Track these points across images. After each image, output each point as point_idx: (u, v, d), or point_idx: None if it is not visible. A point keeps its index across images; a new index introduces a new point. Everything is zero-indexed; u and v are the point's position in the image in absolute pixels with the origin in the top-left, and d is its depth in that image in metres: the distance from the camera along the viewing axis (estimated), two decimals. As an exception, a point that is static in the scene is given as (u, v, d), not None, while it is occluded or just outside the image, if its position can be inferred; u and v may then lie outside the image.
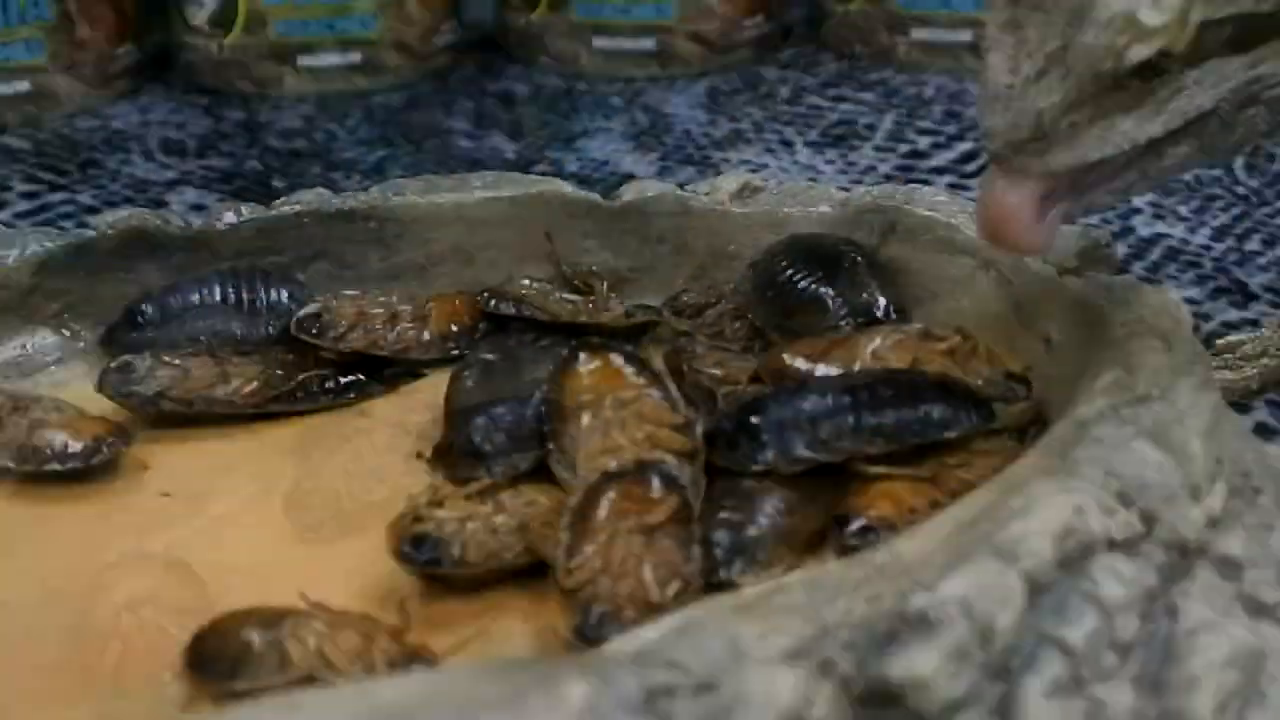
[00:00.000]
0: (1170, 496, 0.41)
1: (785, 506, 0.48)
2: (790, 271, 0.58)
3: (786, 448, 0.49)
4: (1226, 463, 0.44)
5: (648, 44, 1.01)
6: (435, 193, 0.63)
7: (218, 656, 0.42)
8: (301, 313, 0.59)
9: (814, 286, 0.56)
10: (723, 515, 0.48)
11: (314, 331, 0.58)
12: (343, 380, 0.58)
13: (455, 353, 0.59)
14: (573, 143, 0.91)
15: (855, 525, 0.47)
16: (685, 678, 0.35)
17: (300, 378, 0.57)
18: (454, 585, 0.46)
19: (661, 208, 0.63)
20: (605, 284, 0.61)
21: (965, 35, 1.02)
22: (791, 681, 0.35)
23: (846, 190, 0.62)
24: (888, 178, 0.85)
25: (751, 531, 0.47)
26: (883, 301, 0.56)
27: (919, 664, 0.35)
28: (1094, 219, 0.79)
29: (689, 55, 1.02)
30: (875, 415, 0.50)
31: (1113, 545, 0.40)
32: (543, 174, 0.85)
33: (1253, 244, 0.75)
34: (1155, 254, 0.75)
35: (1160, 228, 0.78)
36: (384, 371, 0.59)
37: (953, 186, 0.84)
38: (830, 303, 0.56)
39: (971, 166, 0.87)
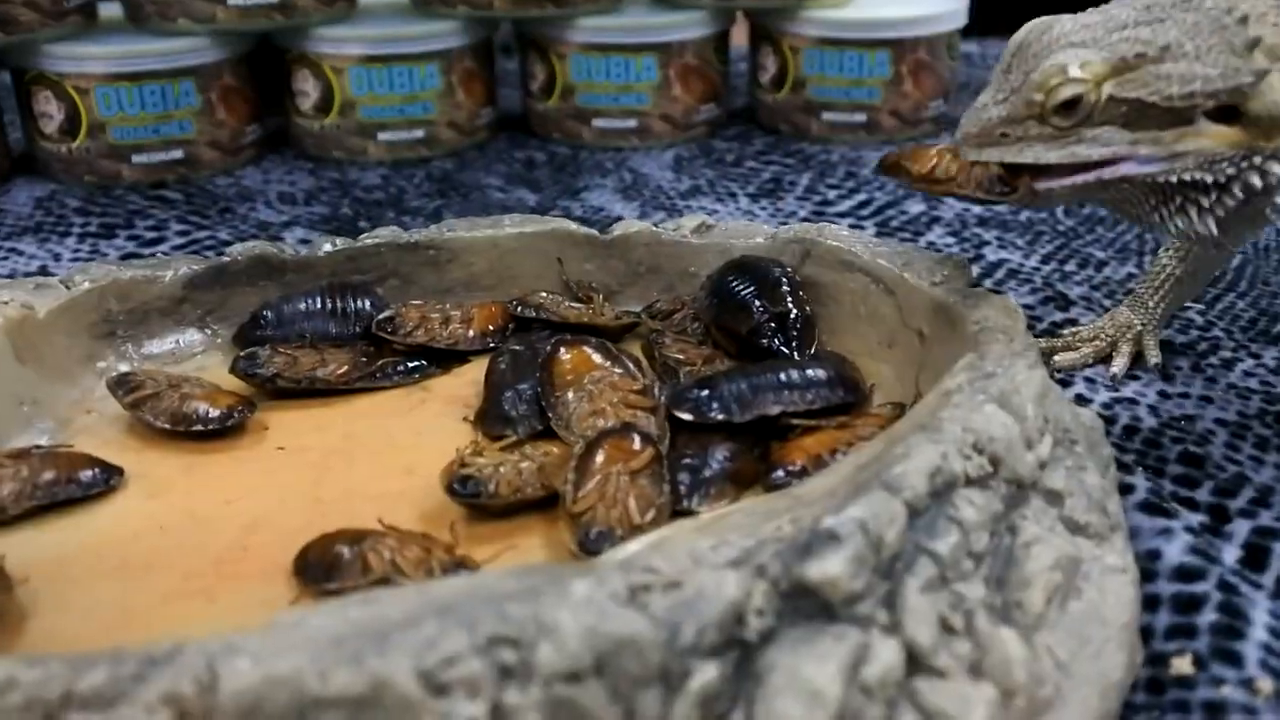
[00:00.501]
0: (1010, 445, 0.41)
1: (731, 454, 0.48)
2: (733, 284, 0.57)
3: (740, 403, 0.48)
4: (1052, 421, 0.43)
5: (631, 124, 1.00)
6: (477, 229, 0.62)
7: (317, 564, 0.42)
8: (379, 316, 0.58)
9: (746, 295, 0.56)
10: (685, 460, 0.47)
11: (389, 330, 0.57)
12: (410, 365, 0.57)
13: (492, 345, 0.58)
14: (578, 195, 0.90)
15: (778, 473, 0.46)
16: (659, 578, 0.34)
17: (379, 363, 0.56)
18: (490, 512, 0.46)
19: (641, 240, 0.62)
20: (601, 295, 0.61)
21: (860, 117, 1.01)
22: (735, 580, 0.34)
23: (775, 228, 0.61)
24: (805, 218, 0.84)
25: (706, 473, 0.47)
26: (794, 310, 0.55)
27: (829, 567, 0.35)
28: (955, 246, 0.78)
29: (661, 132, 1.01)
30: (798, 389, 0.49)
31: (969, 481, 0.40)
32: (555, 217, 0.85)
33: (1070, 266, 0.75)
34: (1000, 274, 0.75)
35: (1003, 255, 0.77)
36: (440, 359, 0.58)
37: (852, 225, 0.83)
38: (754, 307, 0.55)
39: (866, 211, 0.86)
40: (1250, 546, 0.47)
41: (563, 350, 0.51)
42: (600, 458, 0.46)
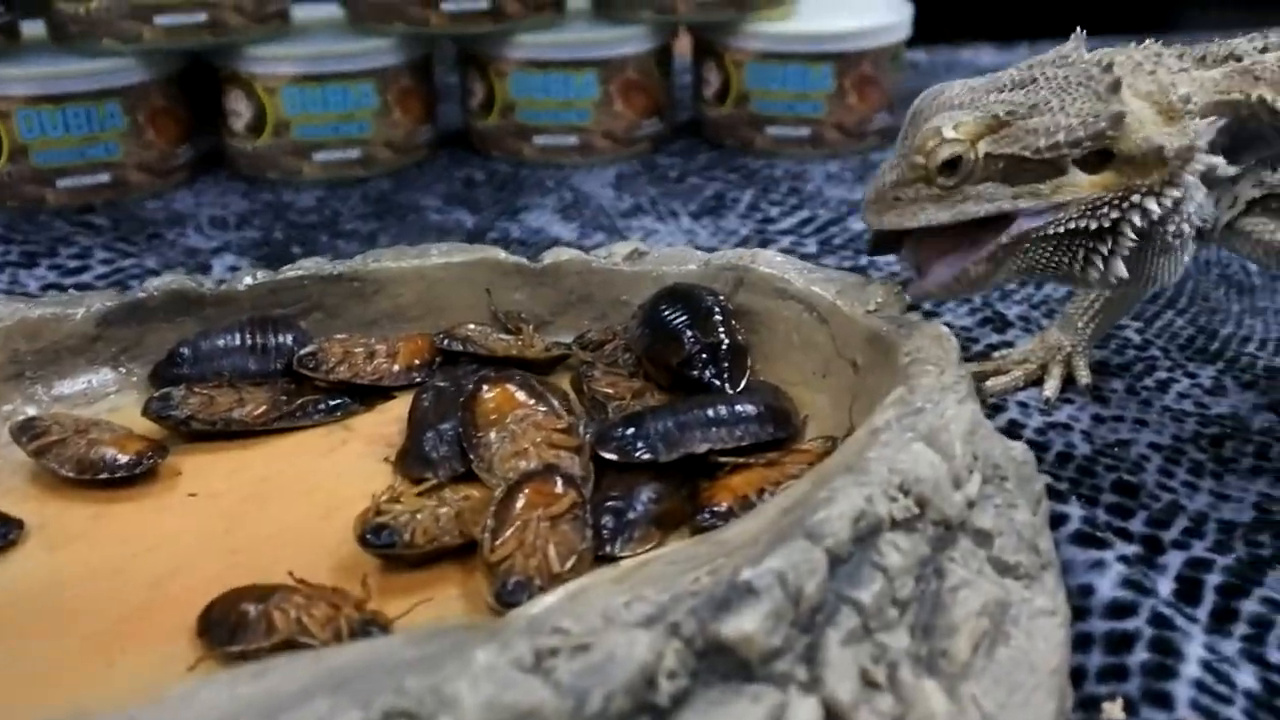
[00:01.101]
0: (938, 485, 0.40)
1: (657, 495, 0.47)
2: (665, 313, 0.56)
3: (667, 442, 0.47)
4: (981, 457, 0.42)
5: (572, 140, 0.99)
6: (403, 259, 0.61)
7: (221, 624, 0.40)
8: (301, 352, 0.56)
9: (677, 325, 0.55)
10: (610, 503, 0.46)
11: (310, 366, 0.56)
12: (332, 403, 0.55)
13: (418, 380, 0.57)
14: (517, 215, 0.89)
15: (705, 514, 0.45)
16: (567, 640, 0.33)
17: (300, 401, 0.55)
18: (406, 562, 0.44)
19: (572, 268, 0.61)
20: (531, 326, 0.59)
21: (805, 131, 1.00)
22: (647, 640, 0.33)
23: (708, 252, 0.60)
24: (747, 237, 0.83)
25: (631, 516, 0.46)
26: (726, 340, 0.54)
27: (745, 624, 0.34)
28: (897, 265, 0.78)
29: (603, 148, 1.00)
30: (727, 425, 0.48)
31: (895, 524, 0.39)
32: (493, 240, 0.83)
33: (1010, 285, 0.74)
34: (939, 293, 0.74)
35: (943, 273, 0.76)
36: (364, 396, 0.56)
37: (795, 242, 0.82)
38: (686, 338, 0.54)
39: (809, 229, 0.85)
40: (1183, 579, 0.46)
41: (485, 388, 0.50)
42: (520, 502, 0.44)
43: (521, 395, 0.50)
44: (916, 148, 0.48)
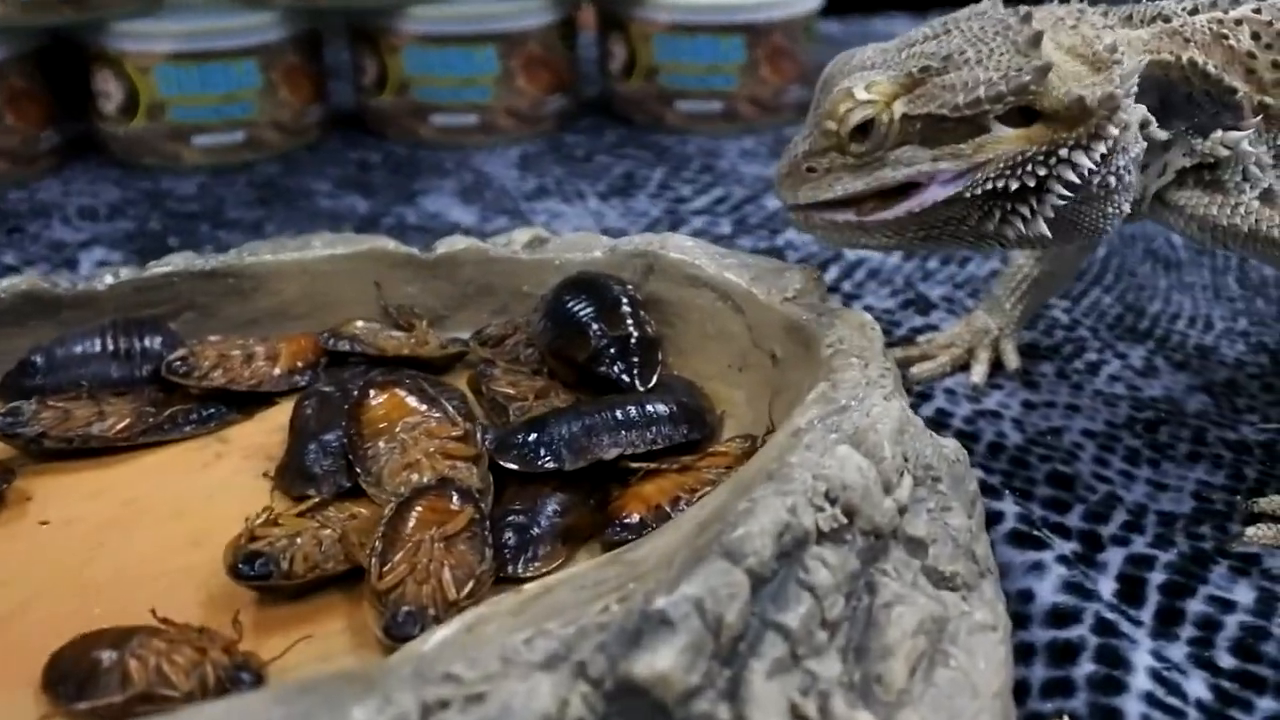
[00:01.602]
0: (867, 492, 0.37)
1: (563, 507, 0.43)
2: (569, 304, 0.52)
3: (573, 449, 0.44)
4: (912, 458, 0.40)
5: (473, 119, 0.95)
6: (283, 252, 0.56)
7: (70, 676, 0.36)
8: (170, 357, 0.52)
9: (583, 318, 0.51)
10: (512, 517, 0.42)
11: (181, 372, 0.51)
12: (205, 412, 0.51)
13: (302, 384, 0.53)
14: (413, 199, 0.84)
15: (615, 526, 0.42)
16: (459, 689, 0.29)
17: (169, 412, 0.50)
18: (285, 594, 0.40)
19: (468, 258, 0.57)
20: (425, 322, 0.55)
21: (717, 106, 0.97)
22: (549, 687, 0.29)
23: (616, 237, 0.56)
24: (657, 218, 0.80)
25: (535, 531, 0.42)
26: (635, 334, 0.51)
27: (659, 661, 0.31)
28: (814, 245, 0.75)
29: (506, 127, 0.96)
30: (638, 428, 0.45)
31: (821, 537, 0.36)
32: (388, 226, 0.79)
33: (932, 263, 0.72)
34: (859, 274, 0.71)
35: (863, 253, 0.74)
36: (242, 403, 0.52)
37: (708, 223, 0.79)
38: (592, 331, 0.50)
39: (723, 208, 0.82)
40: (1126, 578, 0.44)
41: (372, 393, 0.46)
42: (412, 521, 0.41)
43: (413, 400, 0.46)
44: (827, 113, 0.45)
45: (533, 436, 0.44)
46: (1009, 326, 0.60)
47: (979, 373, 0.59)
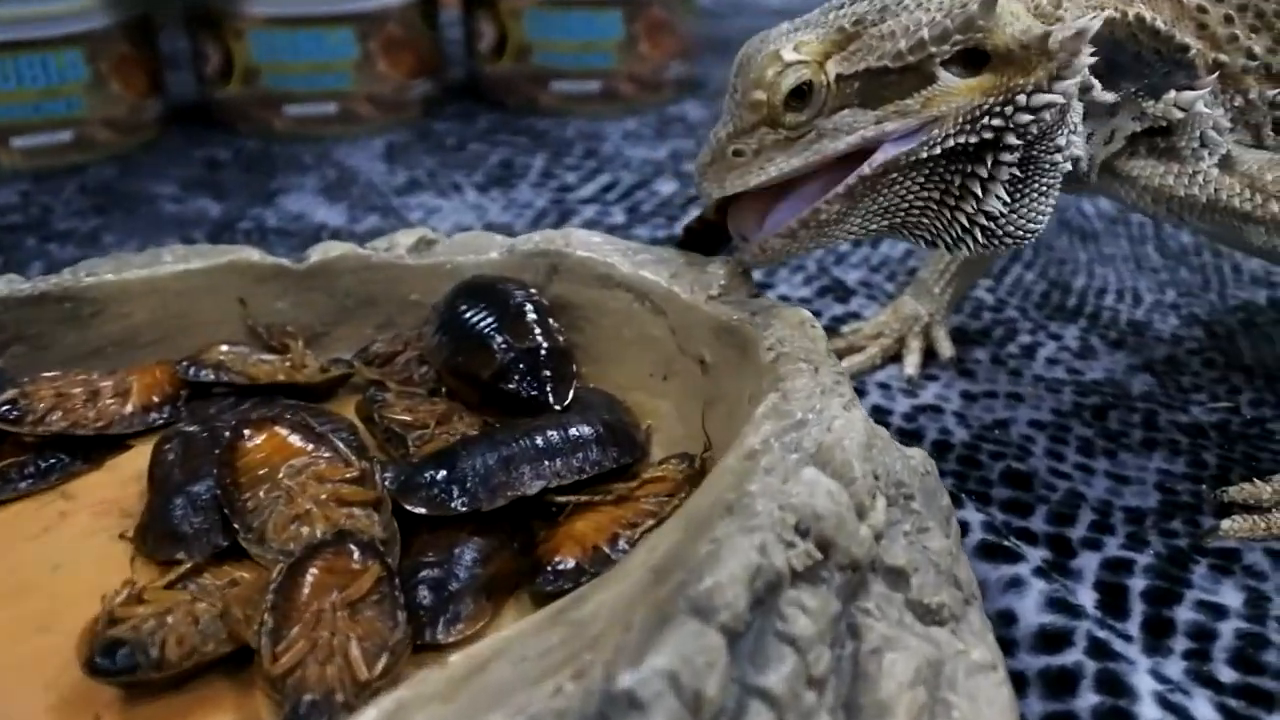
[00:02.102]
0: (840, 520, 0.33)
1: (483, 554, 0.38)
2: (467, 314, 0.47)
3: (489, 486, 0.39)
4: (883, 475, 0.35)
5: (331, 108, 0.88)
6: (128, 269, 0.49)
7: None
8: (-2, 400, 0.44)
9: (484, 329, 0.46)
10: (425, 572, 0.37)
11: (11, 418, 0.44)
12: (44, 463, 0.44)
13: (160, 423, 0.46)
14: (271, 200, 0.77)
15: (547, 574, 0.37)
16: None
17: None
18: (156, 686, 0.34)
19: (346, 266, 0.50)
20: (300, 342, 0.49)
21: (595, 85, 0.92)
22: (504, 806, 0.24)
23: (509, 235, 0.51)
24: (544, 209, 0.74)
25: (453, 585, 0.36)
26: (544, 344, 0.45)
27: (633, 757, 0.26)
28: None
29: (368, 115, 0.89)
30: (562, 455, 0.40)
31: (796, 577, 0.31)
32: (246, 230, 0.72)
33: (844, 246, 0.68)
34: (768, 261, 0.67)
35: (769, 238, 0.70)
36: (88, 450, 0.45)
37: (599, 212, 0.74)
38: (495, 345, 0.45)
39: (612, 195, 0.77)
40: (1105, 586, 0.41)
41: (247, 433, 0.40)
42: (308, 586, 0.35)
43: (296, 438, 0.40)
44: (754, 81, 0.40)
45: (442, 474, 0.39)
46: (939, 312, 0.56)
47: (913, 363, 0.55)
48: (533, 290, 0.48)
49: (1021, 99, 0.40)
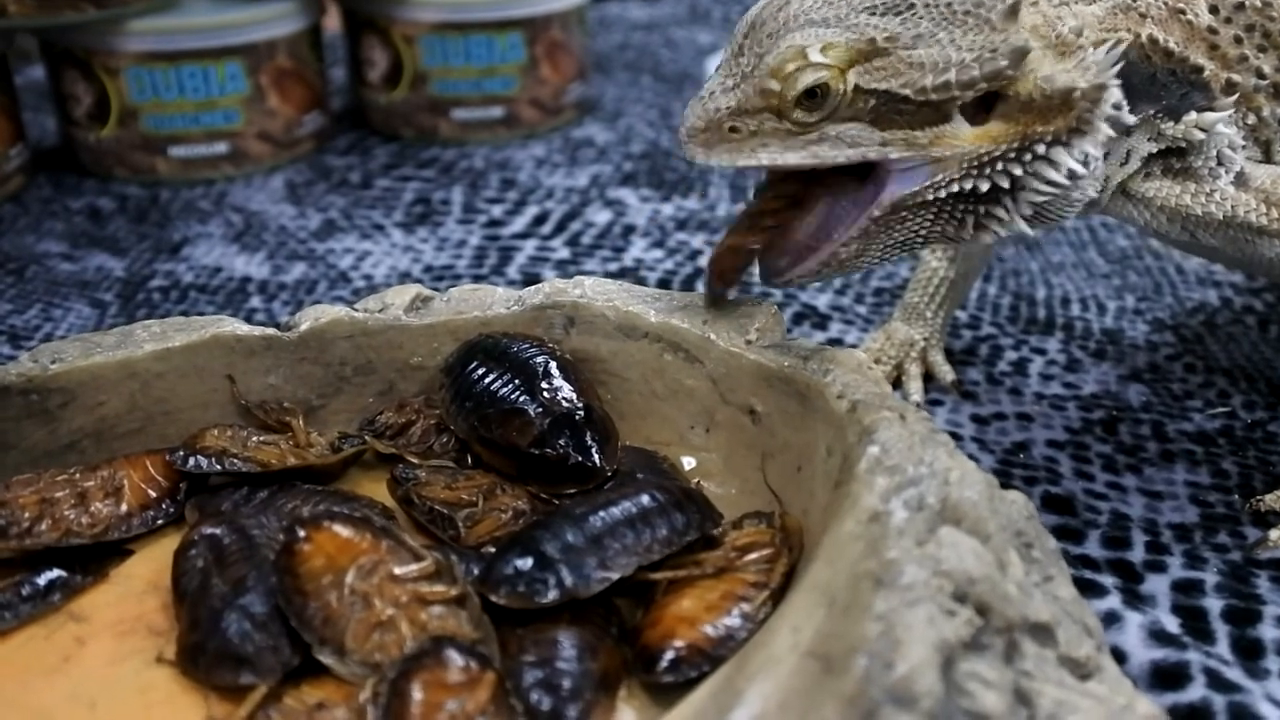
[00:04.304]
0: (991, 580, 0.32)
1: (586, 647, 0.35)
2: (486, 379, 0.44)
3: (582, 571, 0.36)
4: (1008, 527, 0.35)
5: (220, 148, 0.82)
6: (97, 352, 0.44)
7: None
8: (-28, 515, 0.39)
9: (513, 395, 0.43)
10: (531, 674, 0.34)
11: (-7, 533, 0.39)
12: (42, 582, 0.39)
13: (161, 522, 0.42)
14: (178, 252, 0.72)
15: (665, 662, 0.35)
16: None
17: (-9, 592, 0.38)
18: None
19: (339, 331, 0.47)
20: (300, 418, 0.45)
21: (497, 111, 0.89)
22: None
23: (518, 290, 0.48)
24: (483, 249, 0.72)
25: (566, 685, 0.34)
26: (581, 405, 0.43)
27: None
28: (664, 259, 0.69)
29: (259, 154, 0.84)
30: (648, 526, 0.38)
31: (965, 647, 0.31)
32: (159, 288, 0.66)
33: (800, 269, 0.68)
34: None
35: (723, 265, 0.69)
36: (85, 560, 0.40)
37: (540, 248, 0.72)
38: (530, 410, 0.43)
39: (546, 228, 0.75)
40: (1185, 610, 0.41)
41: (302, 534, 0.36)
42: (418, 706, 0.32)
43: (356, 535, 0.37)
44: (772, 70, 0.39)
45: (527, 561, 0.36)
46: (934, 336, 0.56)
47: (916, 390, 0.55)
48: (550, 346, 0.46)
49: (1040, 148, 0.40)
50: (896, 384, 0.56)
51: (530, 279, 0.67)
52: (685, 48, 1.16)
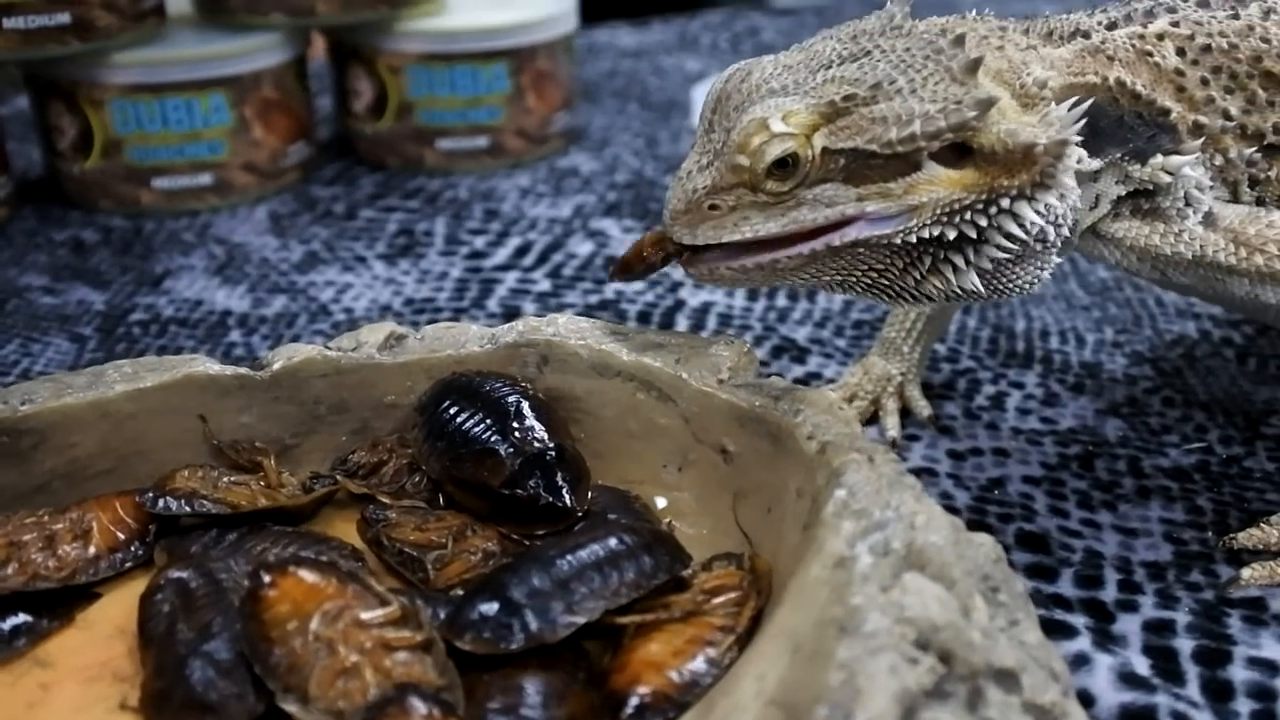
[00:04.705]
0: (954, 627, 0.32)
1: (554, 693, 0.35)
2: (459, 419, 0.44)
3: (548, 616, 0.36)
4: (974, 571, 0.35)
5: (205, 179, 0.83)
6: (69, 393, 0.44)
7: None
8: (-60, 559, 0.39)
9: (485, 435, 0.43)
10: (498, 719, 0.34)
11: (-40, 578, 0.39)
12: (5, 627, 0.39)
13: (129, 565, 0.42)
14: (159, 285, 0.72)
15: (630, 708, 0.35)
16: None
17: (-43, 638, 0.38)
18: None
19: (312, 371, 0.47)
20: (272, 458, 0.45)
21: (482, 141, 0.90)
22: None
23: (491, 328, 0.48)
24: (464, 281, 0.72)
25: (532, 732, 0.34)
26: (551, 444, 0.43)
27: None
28: (647, 292, 0.69)
29: (245, 185, 0.84)
30: (616, 569, 0.38)
31: (927, 695, 0.31)
32: (139, 321, 0.67)
33: (781, 301, 0.68)
34: (710, 321, 0.66)
35: (704, 296, 0.69)
36: (52, 604, 0.40)
37: (522, 280, 0.72)
38: (501, 450, 0.43)
39: (528, 260, 0.75)
40: (1155, 651, 0.41)
41: (268, 579, 0.36)
42: (379, 756, 0.32)
43: (322, 580, 0.37)
44: (738, 146, 0.40)
45: (493, 606, 0.36)
46: (911, 371, 0.57)
47: (893, 425, 0.55)
48: (523, 384, 0.46)
49: (1005, 202, 0.41)
50: (874, 419, 0.56)
51: (510, 312, 0.67)
52: (673, 75, 1.16)
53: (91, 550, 0.42)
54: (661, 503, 0.45)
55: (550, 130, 0.93)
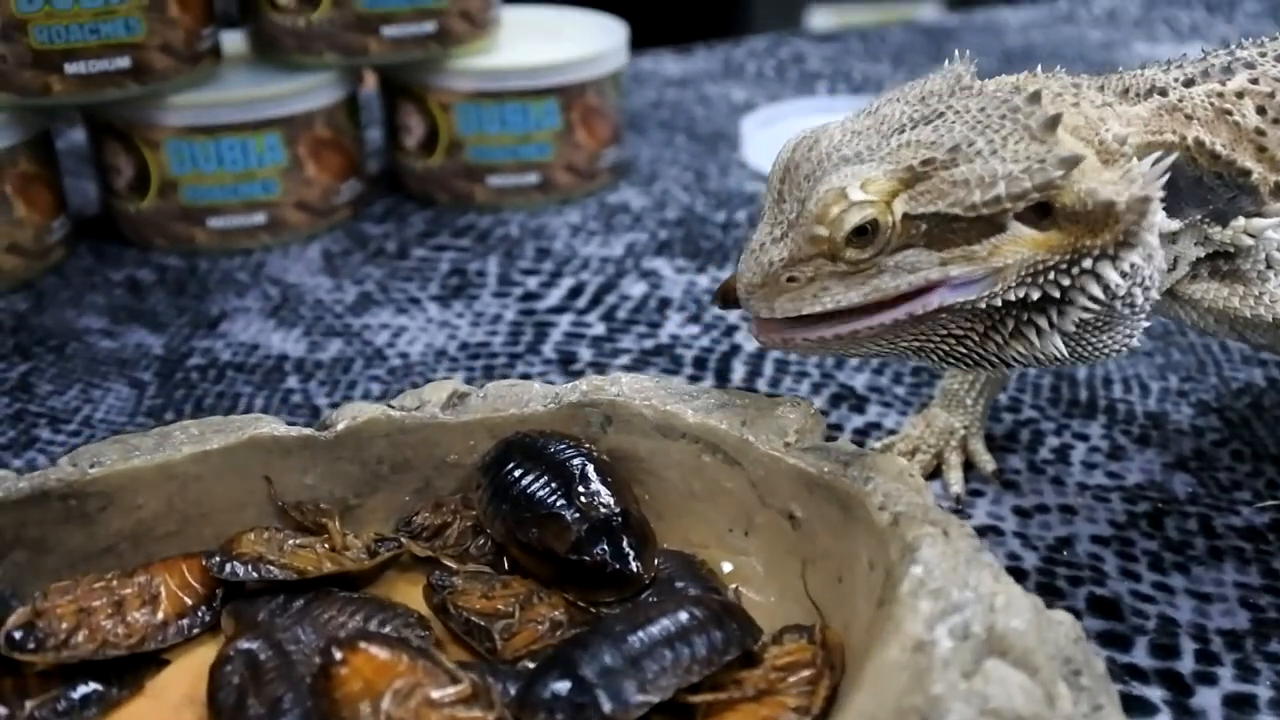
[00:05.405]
0: (1039, 718, 0.31)
1: (626, 773, 0.34)
2: (523, 481, 0.44)
3: (621, 697, 0.35)
4: (1056, 655, 0.34)
5: (259, 218, 0.83)
6: (136, 456, 0.44)
7: None
8: (11, 626, 0.39)
9: (550, 499, 0.43)
10: (570, 804, 0.34)
11: (29, 646, 0.39)
12: (76, 696, 0.39)
13: (197, 631, 0.42)
14: (216, 327, 0.72)
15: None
16: None
17: (29, 709, 0.38)
18: None
19: (376, 430, 0.47)
20: (337, 519, 0.45)
21: (532, 178, 0.90)
22: None
23: (557, 386, 0.48)
24: (515, 322, 0.72)
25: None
26: (618, 510, 0.43)
27: None
28: (701, 337, 0.69)
29: (298, 223, 0.84)
30: (687, 644, 0.37)
31: (1012, 793, 0.30)
32: (196, 366, 0.67)
33: (838, 346, 0.67)
34: (768, 368, 0.66)
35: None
36: (122, 671, 0.40)
37: (576, 324, 0.71)
38: (566, 517, 0.42)
39: (582, 302, 0.75)
40: (1237, 728, 0.40)
41: (339, 656, 0.36)
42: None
43: (393, 657, 0.36)
44: (816, 216, 0.39)
45: (564, 685, 0.36)
46: (975, 424, 0.56)
47: (957, 480, 0.54)
48: (587, 446, 0.46)
49: (1088, 262, 0.40)
50: (936, 473, 0.55)
51: (566, 358, 0.67)
52: (719, 104, 1.16)
53: (160, 616, 0.42)
54: (728, 567, 0.45)
55: (599, 165, 0.93)
